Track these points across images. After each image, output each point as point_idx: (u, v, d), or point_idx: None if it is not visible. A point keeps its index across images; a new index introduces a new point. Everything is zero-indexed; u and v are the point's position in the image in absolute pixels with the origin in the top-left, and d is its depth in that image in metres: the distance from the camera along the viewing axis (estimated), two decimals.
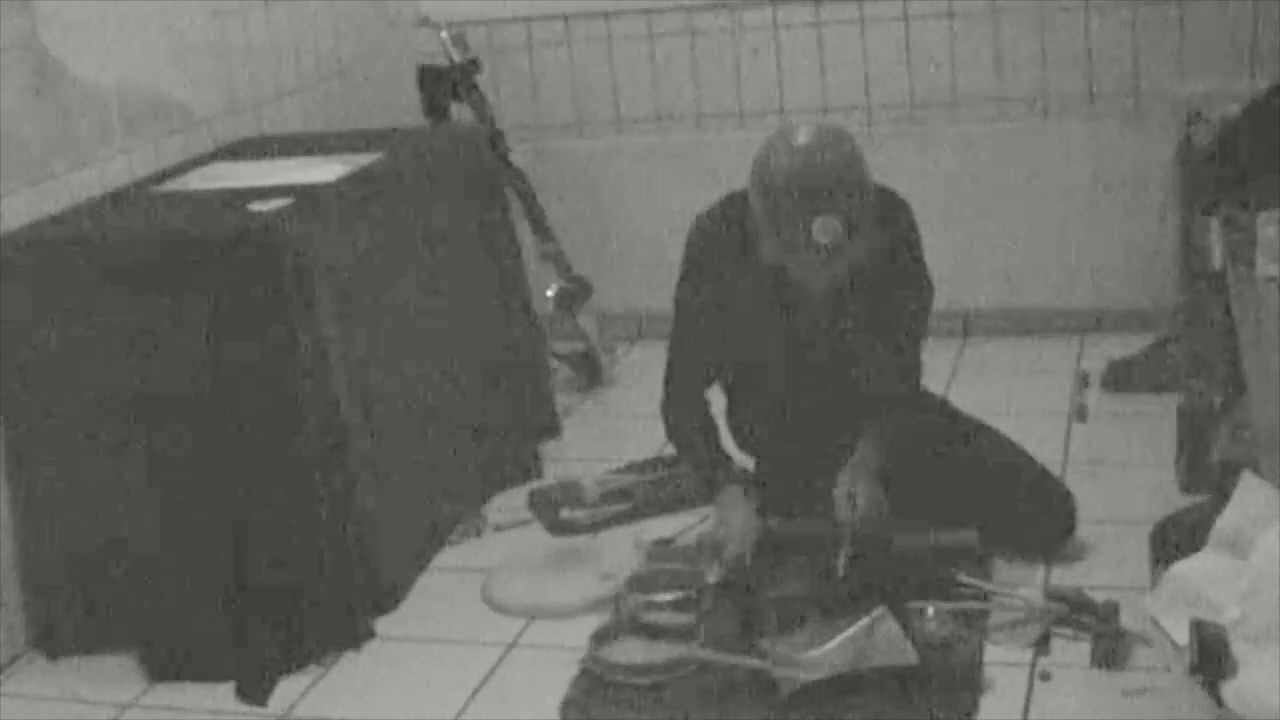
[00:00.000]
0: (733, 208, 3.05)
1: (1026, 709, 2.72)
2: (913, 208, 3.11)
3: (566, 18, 4.69)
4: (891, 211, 3.03)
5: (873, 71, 4.50)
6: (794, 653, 2.79)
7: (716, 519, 3.19)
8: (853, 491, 3.04)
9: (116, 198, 3.47)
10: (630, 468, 3.77)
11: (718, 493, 3.18)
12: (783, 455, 3.32)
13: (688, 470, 3.43)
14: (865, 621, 2.78)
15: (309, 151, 3.77)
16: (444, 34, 4.36)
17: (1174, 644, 2.77)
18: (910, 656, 2.73)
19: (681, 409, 3.23)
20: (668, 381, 3.24)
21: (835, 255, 2.84)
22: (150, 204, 3.43)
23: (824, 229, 2.79)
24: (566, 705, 2.84)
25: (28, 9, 3.32)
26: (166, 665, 3.13)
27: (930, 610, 2.89)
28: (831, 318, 3.11)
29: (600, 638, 2.99)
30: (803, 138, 2.85)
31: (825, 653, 2.77)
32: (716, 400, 3.33)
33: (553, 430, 4.11)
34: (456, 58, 4.33)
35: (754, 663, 2.81)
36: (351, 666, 3.11)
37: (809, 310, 3.08)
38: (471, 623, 3.22)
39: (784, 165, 2.82)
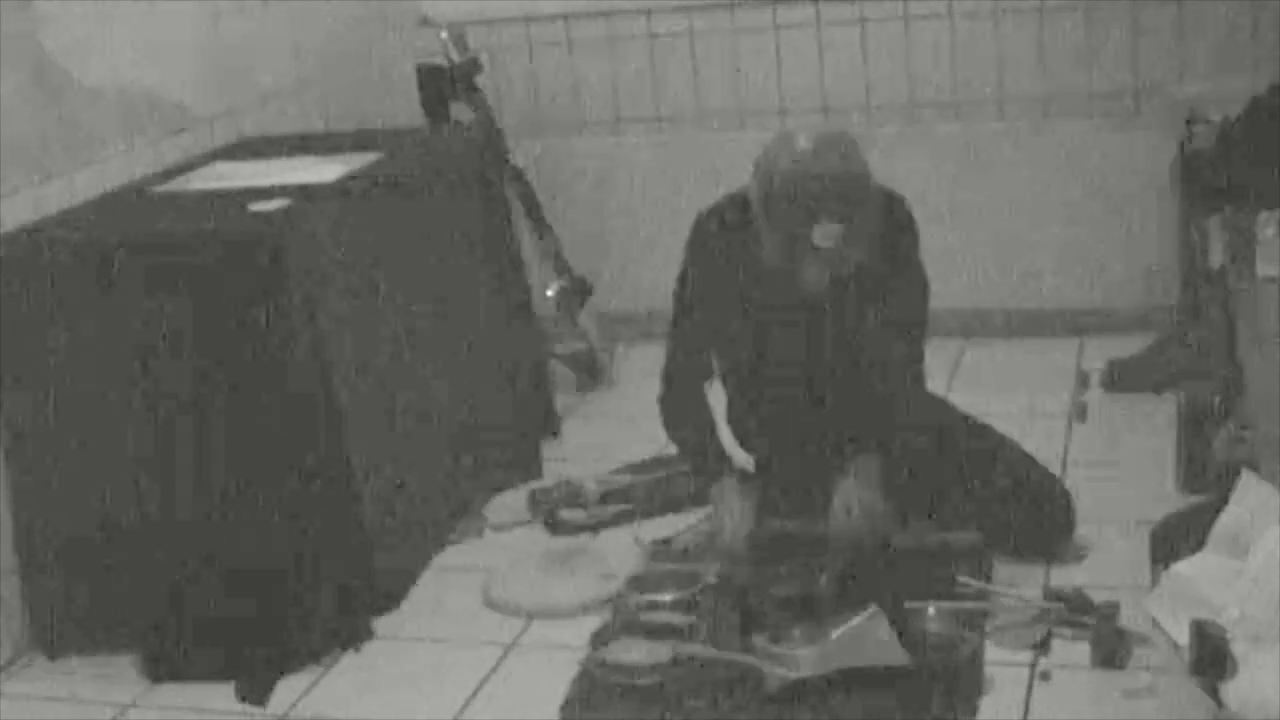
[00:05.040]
0: (735, 205, 3.05)
1: (1026, 709, 2.72)
2: (913, 208, 3.10)
3: (566, 18, 4.69)
4: (892, 213, 3.03)
5: (873, 71, 4.49)
6: (786, 650, 2.79)
7: (712, 510, 3.19)
8: (850, 503, 3.02)
9: (116, 198, 3.47)
10: (630, 468, 3.76)
11: (713, 485, 3.18)
12: (782, 453, 3.32)
13: (685, 465, 3.43)
14: (857, 621, 2.78)
15: (309, 151, 3.77)
16: (444, 34, 4.36)
17: (1174, 644, 2.77)
18: (899, 657, 2.73)
19: (679, 403, 3.23)
20: (666, 375, 3.24)
21: (835, 260, 2.85)
22: (150, 204, 3.43)
23: (824, 234, 2.80)
24: (566, 705, 2.84)
25: (28, 9, 3.32)
26: (166, 665, 3.13)
27: (931, 610, 2.89)
28: (831, 316, 3.11)
29: (600, 638, 2.99)
30: (804, 143, 2.85)
31: (814, 651, 2.77)
32: (716, 398, 3.33)
33: (553, 430, 4.11)
34: (456, 58, 4.33)
35: (744, 659, 2.81)
36: (351, 666, 3.11)
37: (808, 308, 3.08)
38: (471, 623, 3.22)
39: (785, 170, 2.83)
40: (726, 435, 3.34)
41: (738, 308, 3.12)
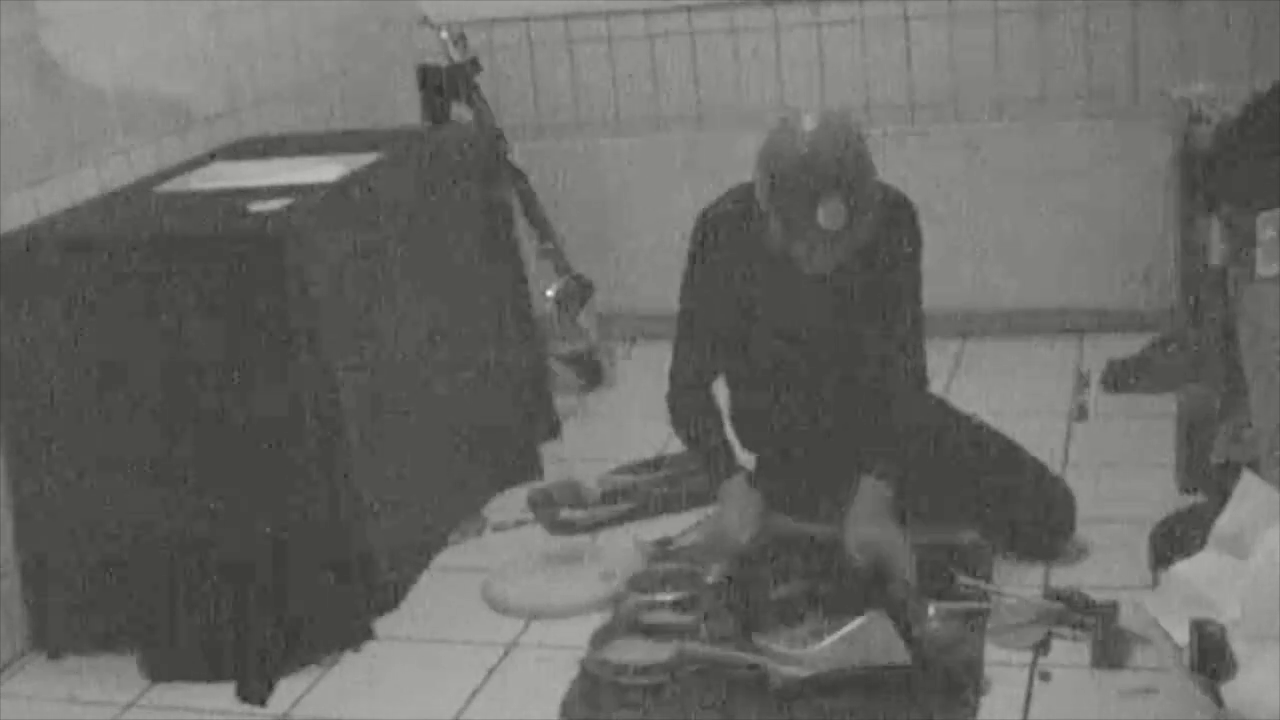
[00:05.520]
0: (739, 199, 3.06)
1: (1026, 709, 2.72)
2: (917, 210, 3.11)
3: (566, 18, 4.69)
4: (899, 211, 3.04)
5: (873, 71, 4.50)
6: (789, 649, 2.80)
7: (719, 509, 3.19)
8: (868, 540, 2.96)
9: (116, 198, 3.48)
10: (630, 468, 3.76)
11: (721, 483, 3.18)
12: (786, 451, 3.32)
13: (690, 465, 3.43)
14: (861, 621, 2.78)
15: (309, 151, 3.77)
16: (444, 34, 4.36)
17: (1174, 644, 2.77)
18: (902, 656, 2.73)
19: (687, 400, 3.23)
20: (673, 372, 3.24)
21: (839, 240, 2.87)
22: (150, 204, 3.43)
23: (829, 214, 2.81)
24: (566, 705, 2.84)
25: (28, 9, 3.32)
26: (166, 665, 3.13)
27: (930, 610, 2.89)
28: (835, 311, 3.11)
29: (600, 638, 2.99)
30: (808, 124, 2.88)
31: (818, 650, 2.77)
32: (722, 396, 3.33)
33: (552, 430, 4.11)
34: (456, 58, 4.33)
35: (747, 658, 2.81)
36: (351, 666, 3.11)
37: (813, 303, 3.09)
38: (471, 623, 3.22)
39: (790, 150, 2.85)
40: (730, 434, 3.34)
41: (743, 303, 3.12)
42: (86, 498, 3.17)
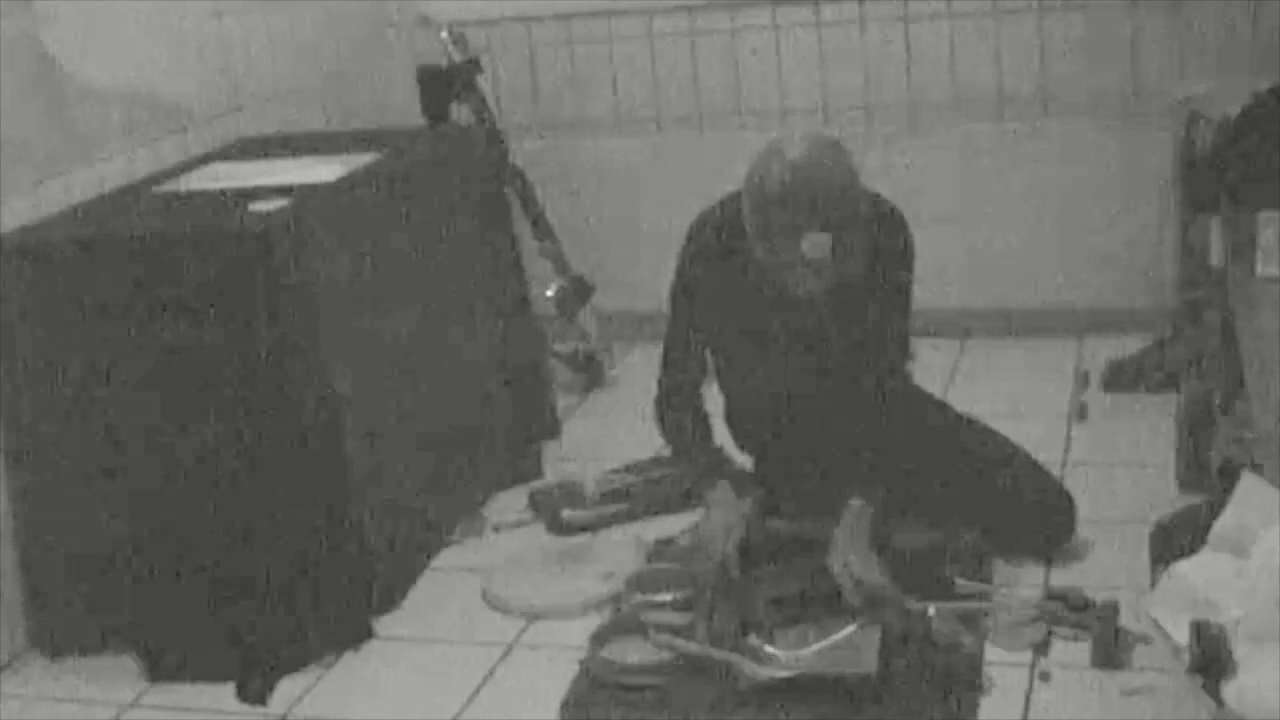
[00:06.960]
0: (733, 207, 3.05)
1: (1026, 709, 2.72)
2: (911, 211, 3.09)
3: (567, 18, 4.69)
4: (890, 225, 3.02)
5: (873, 71, 4.49)
6: (778, 651, 2.79)
7: (703, 515, 3.19)
8: (855, 575, 2.93)
9: (116, 198, 3.48)
10: (630, 468, 3.76)
11: (707, 489, 3.18)
12: (779, 454, 3.32)
13: (682, 467, 3.43)
14: (851, 629, 2.79)
15: (309, 151, 3.77)
16: (444, 34, 4.36)
17: (1174, 644, 2.77)
18: (867, 666, 2.72)
19: (675, 405, 3.23)
20: (662, 377, 3.24)
21: (824, 271, 2.84)
22: (150, 204, 3.43)
23: (813, 245, 2.79)
24: (566, 705, 2.84)
25: (28, 9, 3.32)
26: (166, 665, 3.13)
27: (931, 610, 2.89)
28: (823, 320, 3.10)
29: (600, 638, 2.99)
30: (796, 152, 2.82)
31: (793, 654, 2.77)
32: (714, 400, 3.33)
33: (552, 430, 4.11)
34: (456, 58, 4.33)
35: (725, 655, 2.81)
36: (351, 666, 3.11)
37: (801, 312, 3.08)
38: (471, 623, 3.22)
39: (776, 180, 2.81)
40: (724, 436, 3.33)
41: (732, 310, 3.12)
42: (86, 497, 3.17)
